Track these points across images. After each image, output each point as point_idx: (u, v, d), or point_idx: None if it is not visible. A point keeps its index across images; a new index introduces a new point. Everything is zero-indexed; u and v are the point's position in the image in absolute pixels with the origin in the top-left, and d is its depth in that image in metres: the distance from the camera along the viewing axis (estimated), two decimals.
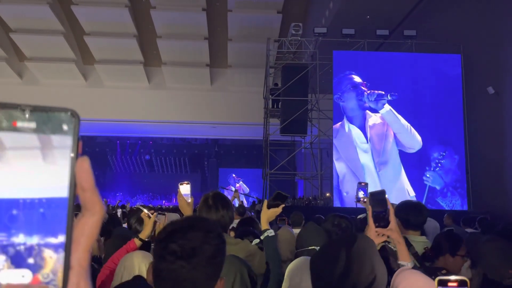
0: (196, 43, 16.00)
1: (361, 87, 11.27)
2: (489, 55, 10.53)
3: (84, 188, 0.39)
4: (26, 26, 15.23)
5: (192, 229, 1.07)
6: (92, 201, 0.40)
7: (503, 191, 9.68)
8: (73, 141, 0.38)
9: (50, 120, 0.37)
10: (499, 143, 10.03)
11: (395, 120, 11.20)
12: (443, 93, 11.42)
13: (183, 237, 1.05)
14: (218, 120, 17.85)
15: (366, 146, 11.09)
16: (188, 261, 1.02)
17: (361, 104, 11.30)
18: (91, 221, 0.40)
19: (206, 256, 1.04)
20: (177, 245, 1.04)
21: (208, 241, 1.06)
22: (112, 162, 26.68)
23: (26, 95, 16.96)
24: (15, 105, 0.36)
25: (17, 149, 0.36)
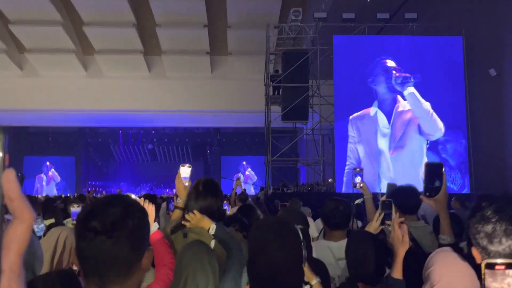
0: (196, 31, 15.89)
1: (393, 72, 11.20)
2: (491, 37, 10.45)
3: (11, 198, 0.43)
4: (25, 17, 15.15)
5: (112, 205, 1.07)
6: (20, 209, 0.44)
7: (505, 173, 9.69)
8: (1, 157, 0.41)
9: None
10: (500, 125, 10.00)
11: (416, 103, 11.11)
12: (444, 75, 11.36)
13: (103, 213, 1.04)
14: (219, 108, 17.82)
15: (387, 131, 11.05)
16: (109, 235, 1.01)
17: (391, 87, 11.24)
18: (20, 227, 0.44)
19: (128, 229, 1.04)
20: (97, 221, 1.02)
21: (128, 215, 1.05)
22: (115, 152, 26.75)
23: (27, 87, 16.96)
24: None
25: None
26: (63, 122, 20.69)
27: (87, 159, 26.17)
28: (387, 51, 11.55)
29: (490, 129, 10.48)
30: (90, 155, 26.37)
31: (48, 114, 18.44)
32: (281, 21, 14.57)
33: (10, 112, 17.77)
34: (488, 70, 10.19)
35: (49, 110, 17.73)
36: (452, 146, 11.15)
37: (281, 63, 12.82)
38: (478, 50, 10.99)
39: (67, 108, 17.56)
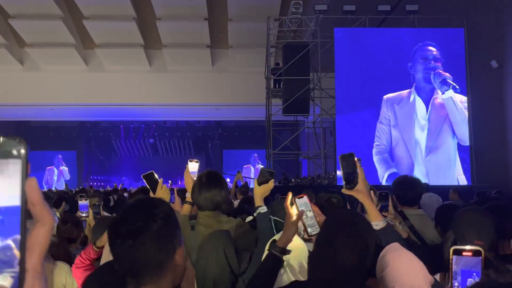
0: (196, 24, 15.84)
1: (432, 62, 11.09)
2: (493, 29, 10.40)
3: (34, 203, 0.47)
4: (25, 12, 15.11)
5: (135, 209, 1.16)
6: (41, 214, 0.48)
7: (506, 165, 9.68)
8: (22, 163, 0.46)
9: (1, 146, 0.46)
10: (502, 117, 9.98)
11: (452, 110, 11.00)
12: (446, 67, 11.32)
13: (127, 219, 1.12)
14: (220, 102, 17.80)
15: (424, 122, 10.93)
16: (135, 240, 1.09)
17: (428, 78, 11.14)
18: (42, 230, 0.48)
19: (153, 231, 1.10)
20: (123, 227, 1.11)
21: (152, 217, 1.12)
22: (116, 147, 26.78)
23: (28, 82, 16.95)
24: None
25: None
26: (64, 116, 20.71)
27: (89, 154, 26.22)
28: (389, 43, 11.51)
29: (491, 121, 10.46)
30: (92, 150, 26.41)
31: (49, 109, 18.45)
32: (281, 14, 14.50)
33: (11, 106, 17.78)
34: (489, 62, 10.14)
35: (50, 105, 17.74)
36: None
37: (281, 56, 12.78)
38: (479, 42, 10.94)
39: (68, 103, 17.57)
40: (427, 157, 10.79)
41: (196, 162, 2.59)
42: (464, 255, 1.18)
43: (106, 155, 27.30)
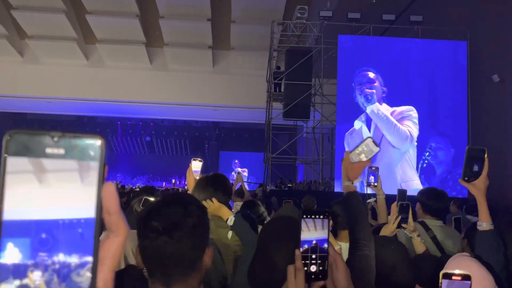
0: (199, 24, 15.82)
1: (367, 84, 11.22)
2: (495, 43, 10.44)
3: (110, 212, 0.42)
4: (28, 3, 15.03)
5: (171, 204, 1.10)
6: (117, 224, 0.43)
7: (505, 180, 9.70)
8: (100, 166, 0.40)
9: (78, 146, 0.40)
10: (502, 132, 10.01)
11: (377, 121, 11.15)
12: (447, 80, 11.36)
13: (163, 213, 1.07)
14: (220, 103, 17.77)
15: None
16: (170, 236, 1.04)
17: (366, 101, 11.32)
18: (116, 242, 0.43)
19: (188, 228, 1.06)
20: (158, 222, 1.05)
21: (188, 213, 1.07)
22: (113, 143, 26.66)
23: (27, 74, 16.84)
24: (45, 132, 0.39)
25: (47, 174, 0.38)
26: (61, 110, 20.59)
27: None
28: (391, 53, 11.53)
29: (492, 134, 10.48)
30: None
31: (46, 102, 18.33)
32: (285, 18, 14.51)
33: (9, 98, 17.64)
34: (491, 76, 10.18)
35: (48, 98, 17.63)
36: (443, 154, 11.15)
37: (284, 60, 12.77)
38: (482, 56, 10.98)
39: (66, 96, 17.47)
40: None
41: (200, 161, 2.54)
42: (454, 279, 1.19)
43: None
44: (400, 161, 11.00)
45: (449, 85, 11.34)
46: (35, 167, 0.38)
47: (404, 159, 11.03)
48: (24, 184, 0.38)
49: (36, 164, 0.38)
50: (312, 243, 0.99)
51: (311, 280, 1.00)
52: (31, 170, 0.38)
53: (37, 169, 0.38)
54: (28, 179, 0.38)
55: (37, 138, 0.39)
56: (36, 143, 0.38)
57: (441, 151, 11.16)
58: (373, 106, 11.15)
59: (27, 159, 0.38)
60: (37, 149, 0.38)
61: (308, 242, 1.00)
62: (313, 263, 0.99)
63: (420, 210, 2.74)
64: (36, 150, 0.38)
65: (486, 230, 1.64)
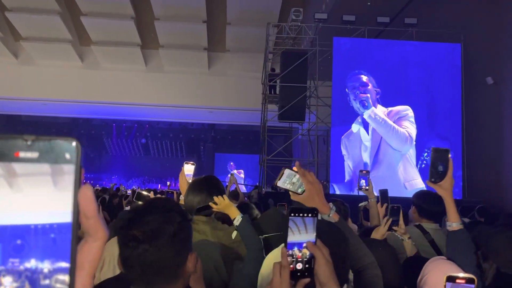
0: (194, 26, 15.81)
1: (360, 88, 11.26)
2: (489, 45, 10.50)
3: (87, 216, 0.41)
4: (22, 5, 14.98)
5: (151, 212, 1.07)
6: (95, 228, 0.42)
7: (499, 181, 9.74)
8: (76, 169, 0.39)
9: (52, 149, 0.38)
10: (496, 133, 10.05)
11: (376, 125, 11.20)
12: (442, 82, 11.41)
13: (142, 221, 1.05)
14: (215, 105, 17.76)
15: (368, 143, 11.14)
16: (151, 244, 1.02)
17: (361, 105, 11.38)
18: (94, 246, 0.42)
19: (169, 235, 1.04)
20: (138, 230, 1.03)
21: (168, 220, 1.06)
22: (108, 145, 26.59)
23: (21, 75, 16.77)
24: (18, 136, 0.38)
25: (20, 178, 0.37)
26: (56, 112, 20.52)
27: None
28: (386, 55, 11.57)
29: (486, 137, 10.53)
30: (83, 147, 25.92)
31: (41, 104, 18.25)
32: (280, 20, 14.53)
33: (3, 100, 17.56)
34: (485, 78, 10.23)
35: (43, 100, 17.55)
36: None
37: (279, 62, 12.78)
38: (476, 58, 11.04)
39: (61, 98, 17.40)
40: (372, 173, 10.87)
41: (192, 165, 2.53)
42: (458, 282, 1.19)
43: (97, 153, 27.08)
44: (401, 161, 11.04)
45: (443, 87, 11.39)
46: (7, 172, 0.37)
47: (405, 159, 11.07)
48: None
49: (8, 168, 0.37)
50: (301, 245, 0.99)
51: (296, 277, 0.99)
52: (3, 174, 0.37)
53: (9, 174, 0.37)
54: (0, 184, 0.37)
55: (10, 141, 0.38)
56: (9, 146, 0.37)
57: None
58: (369, 111, 11.19)
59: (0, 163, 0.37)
60: (10, 153, 0.37)
61: (298, 245, 0.99)
62: (299, 261, 0.99)
63: (415, 214, 2.73)
64: (9, 154, 0.37)
65: (456, 230, 1.64)
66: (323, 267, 1.00)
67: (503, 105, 9.89)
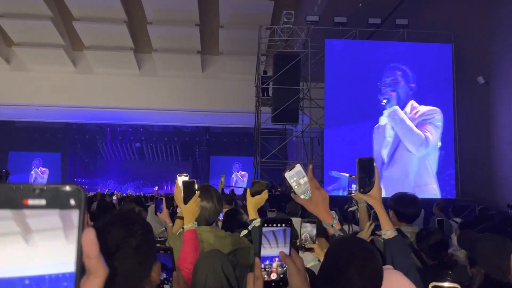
0: (187, 29, 15.83)
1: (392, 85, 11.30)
2: (480, 45, 10.58)
3: (90, 257, 0.45)
4: (14, 11, 14.94)
5: (114, 225, 1.10)
6: (96, 267, 0.47)
7: (490, 180, 9.81)
8: (80, 214, 0.43)
9: (58, 196, 0.42)
10: (487, 133, 10.13)
11: (395, 124, 11.20)
12: (434, 82, 11.47)
13: (106, 235, 1.07)
14: (209, 108, 17.77)
15: (390, 140, 11.14)
16: (113, 257, 1.04)
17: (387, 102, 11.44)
18: (95, 282, 0.47)
19: (132, 248, 1.07)
20: (101, 244, 1.04)
21: (131, 233, 1.08)
22: (102, 150, 26.50)
23: (14, 81, 16.71)
24: (27, 185, 0.41)
25: (29, 226, 0.40)
26: (50, 117, 20.45)
27: (74, 156, 25.90)
28: (377, 56, 11.62)
29: (478, 136, 10.60)
30: (77, 152, 26.10)
31: (34, 109, 18.19)
32: (273, 23, 14.57)
33: None
34: (476, 78, 10.30)
35: (36, 105, 17.50)
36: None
37: (272, 65, 12.81)
38: (467, 58, 11.12)
39: (54, 104, 17.35)
40: (384, 172, 10.94)
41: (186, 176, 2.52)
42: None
43: (91, 158, 26.99)
44: (417, 165, 11.00)
45: (436, 87, 11.45)
46: (18, 219, 0.40)
47: (422, 163, 11.03)
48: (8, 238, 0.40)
49: (18, 215, 0.40)
50: (273, 258, 1.00)
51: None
52: (14, 221, 0.40)
53: (20, 221, 0.41)
54: (12, 231, 0.40)
55: (20, 190, 0.41)
56: (19, 194, 0.41)
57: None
58: (390, 110, 11.20)
59: (9, 211, 0.40)
60: (20, 201, 0.41)
61: (270, 259, 1.00)
62: (273, 271, 1.00)
63: (394, 218, 2.75)
64: (19, 202, 0.41)
65: (392, 238, 1.65)
66: (295, 277, 1.00)
67: (494, 104, 9.97)
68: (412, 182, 10.90)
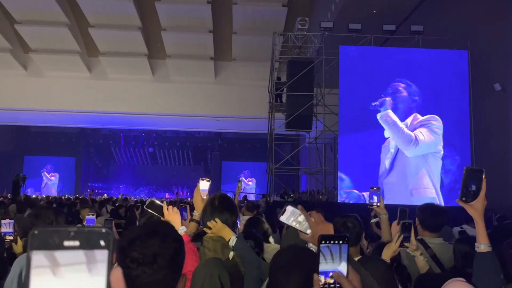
0: (201, 36, 15.94)
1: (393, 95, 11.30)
2: (496, 51, 10.47)
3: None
4: (31, 18, 15.20)
5: (151, 235, 1.14)
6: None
7: (508, 188, 9.66)
8: (109, 253, 0.47)
9: (90, 237, 0.47)
10: (504, 140, 10.00)
11: (385, 125, 11.18)
12: (449, 89, 11.37)
13: (143, 244, 1.11)
14: (222, 114, 17.84)
15: (393, 150, 11.13)
16: (150, 267, 1.08)
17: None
18: None
19: (166, 260, 1.11)
20: (138, 253, 1.10)
21: (166, 245, 1.12)
22: (116, 154, 26.73)
23: (31, 87, 16.97)
24: (63, 228, 0.46)
25: (66, 264, 0.46)
26: (65, 122, 20.71)
27: (88, 160, 26.16)
28: (393, 63, 11.57)
29: (494, 143, 10.47)
30: (91, 156, 26.36)
31: (50, 114, 18.44)
32: (286, 29, 14.60)
33: (13, 111, 17.76)
34: (493, 84, 10.19)
35: (52, 111, 17.74)
36: (449, 162, 11.14)
37: (285, 71, 12.83)
38: (483, 65, 11.00)
39: (69, 109, 17.57)
40: (385, 179, 10.89)
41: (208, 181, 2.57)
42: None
43: (105, 163, 27.23)
44: (415, 170, 10.95)
45: (452, 94, 11.35)
46: (54, 259, 0.45)
47: (420, 168, 10.96)
48: (44, 275, 0.45)
49: (55, 256, 0.46)
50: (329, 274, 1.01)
51: None
52: (50, 262, 0.45)
53: (56, 261, 0.46)
54: (49, 271, 0.45)
55: (57, 233, 0.46)
56: (56, 237, 0.46)
57: (448, 159, 11.15)
58: (382, 113, 11.19)
59: (48, 252, 0.45)
60: (57, 242, 0.46)
61: (325, 274, 1.01)
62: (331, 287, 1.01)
63: (419, 226, 2.79)
64: (56, 243, 0.46)
65: (484, 252, 1.63)
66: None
67: (511, 111, 9.85)
68: (410, 185, 10.85)
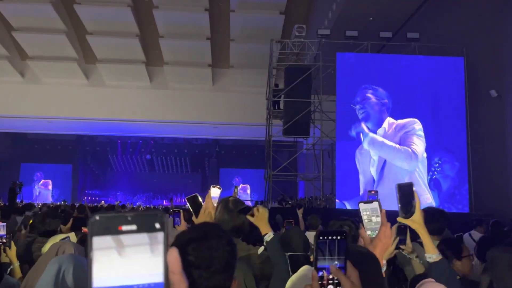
0: (198, 43, 16.00)
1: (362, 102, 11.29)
2: (492, 58, 10.54)
3: (174, 272, 0.53)
4: (29, 25, 15.22)
5: (206, 238, 1.12)
6: (179, 281, 0.53)
7: (504, 194, 9.68)
8: (164, 235, 0.49)
9: (146, 221, 0.49)
10: (501, 146, 10.03)
11: (378, 151, 11.13)
12: (445, 96, 11.42)
13: (198, 248, 1.09)
14: (220, 120, 17.86)
15: (376, 158, 11.09)
16: (206, 270, 1.07)
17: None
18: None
19: (222, 263, 1.09)
20: (193, 256, 1.08)
21: (222, 248, 1.10)
22: (113, 162, 26.67)
23: (28, 94, 16.95)
24: (120, 214, 0.49)
25: (124, 247, 0.48)
26: (61, 129, 20.66)
27: (85, 168, 26.08)
28: (389, 69, 11.62)
29: (491, 150, 10.51)
30: (88, 164, 26.29)
31: (46, 121, 18.41)
32: (284, 36, 14.67)
33: (9, 118, 17.73)
34: (489, 91, 10.25)
35: (48, 118, 17.71)
36: (448, 167, 11.14)
37: (283, 78, 12.87)
38: (479, 71, 11.07)
39: (67, 116, 17.56)
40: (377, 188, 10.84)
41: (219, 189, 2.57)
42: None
43: (102, 170, 27.15)
44: (408, 177, 10.94)
45: (448, 100, 11.39)
46: (115, 242, 0.48)
47: (412, 175, 10.95)
48: (106, 258, 0.47)
49: (115, 239, 0.48)
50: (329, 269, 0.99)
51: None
52: (112, 245, 0.48)
53: (116, 244, 0.48)
54: (110, 253, 0.48)
55: (115, 218, 0.48)
56: (114, 222, 0.48)
57: (447, 164, 11.17)
58: (367, 139, 11.15)
59: (108, 237, 0.48)
60: (115, 227, 0.48)
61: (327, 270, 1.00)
62: (330, 283, 1.00)
63: None
64: (114, 228, 0.48)
65: (437, 261, 1.66)
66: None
67: (507, 117, 9.89)
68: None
